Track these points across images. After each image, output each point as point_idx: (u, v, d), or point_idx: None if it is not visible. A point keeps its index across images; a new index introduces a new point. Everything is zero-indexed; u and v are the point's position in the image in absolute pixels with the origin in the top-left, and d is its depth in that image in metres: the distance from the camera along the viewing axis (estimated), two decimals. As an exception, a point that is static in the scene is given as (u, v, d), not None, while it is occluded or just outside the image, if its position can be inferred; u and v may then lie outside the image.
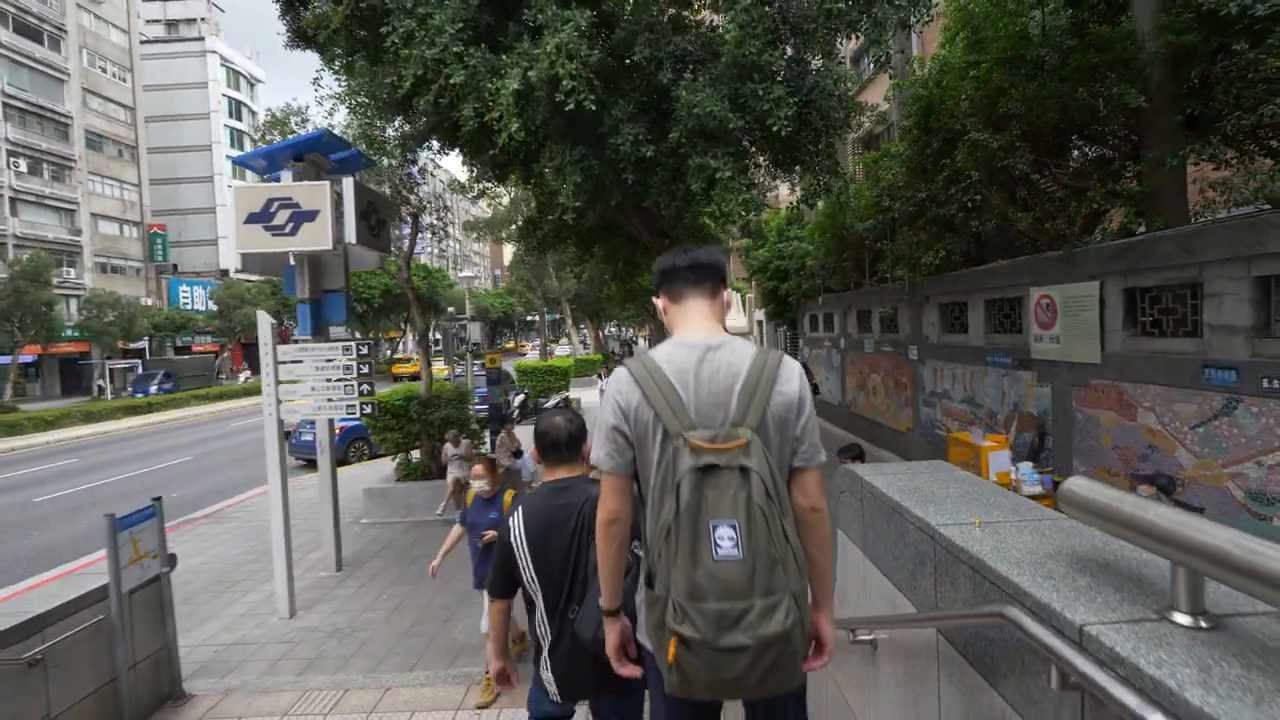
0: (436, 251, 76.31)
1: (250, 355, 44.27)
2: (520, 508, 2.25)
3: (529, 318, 48.07)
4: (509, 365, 23.49)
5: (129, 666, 4.59)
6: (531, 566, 2.16)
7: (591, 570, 2.05)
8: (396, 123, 7.19)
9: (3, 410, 24.85)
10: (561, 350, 46.12)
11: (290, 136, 9.36)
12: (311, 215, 6.70)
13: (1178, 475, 5.40)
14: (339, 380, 6.39)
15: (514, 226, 9.44)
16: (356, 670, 5.37)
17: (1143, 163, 6.17)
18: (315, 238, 6.68)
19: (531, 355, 42.95)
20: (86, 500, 12.43)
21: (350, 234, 6.90)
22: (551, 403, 18.87)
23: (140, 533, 4.69)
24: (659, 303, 1.81)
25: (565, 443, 2.28)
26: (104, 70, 41.01)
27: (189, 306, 43.38)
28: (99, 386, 35.63)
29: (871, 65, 18.08)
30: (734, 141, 4.40)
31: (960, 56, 8.59)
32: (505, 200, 21.63)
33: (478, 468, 4.48)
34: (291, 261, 7.27)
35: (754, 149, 5.41)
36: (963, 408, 9.11)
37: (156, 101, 45.98)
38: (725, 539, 1.38)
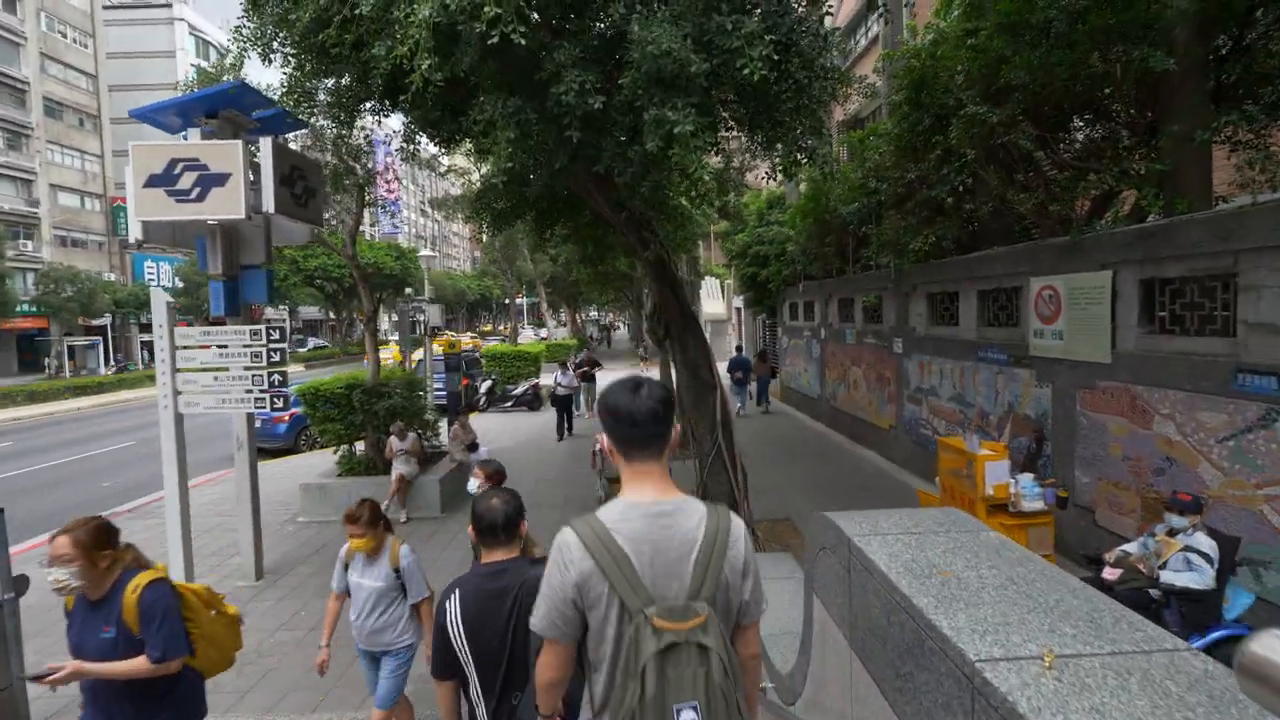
0: (413, 232, 74.70)
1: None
2: (456, 591, 2.19)
3: (506, 301, 46.98)
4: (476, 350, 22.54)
5: (-42, 715, 3.78)
6: (467, 649, 2.13)
7: (533, 656, 1.92)
8: (329, 82, 6.26)
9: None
10: (526, 336, 44.79)
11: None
12: (222, 179, 5.81)
13: (1202, 494, 4.76)
14: (247, 370, 5.54)
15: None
16: (250, 709, 4.59)
17: (1163, 138, 5.48)
18: (226, 205, 5.80)
19: (527, 337, 41.74)
20: (10, 489, 11.42)
21: (268, 202, 6.01)
22: (519, 390, 18.04)
23: (-29, 554, 3.85)
24: (603, 440, 1.70)
25: (502, 525, 2.24)
26: (64, 35, 38.93)
27: (155, 283, 41.65)
28: (47, 364, 34.18)
29: (863, 39, 17.40)
30: (697, 90, 3.61)
31: (957, 25, 7.88)
32: (476, 177, 20.61)
33: (61, 541, 2.42)
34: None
35: (722, 105, 4.61)
36: (951, 406, 8.47)
37: (120, 70, 43.74)
38: None
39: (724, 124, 5.11)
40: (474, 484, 5.06)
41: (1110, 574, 4.31)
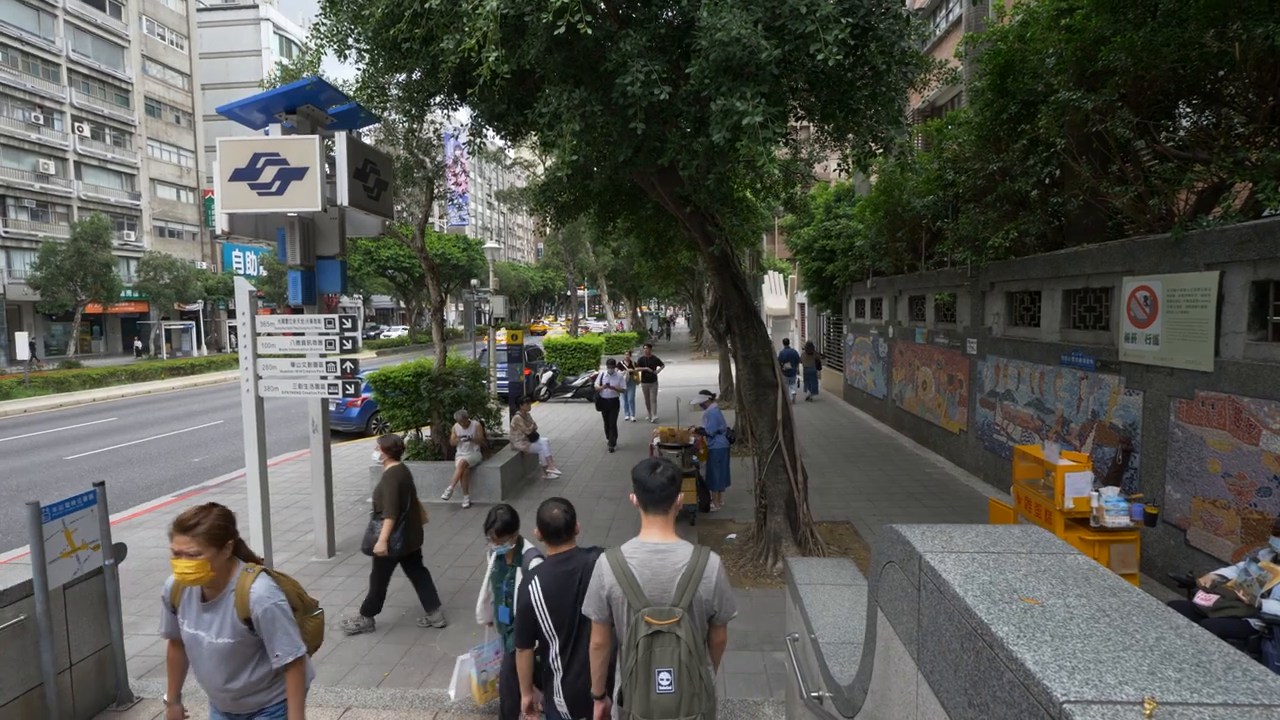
0: (480, 224, 76.60)
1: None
2: (537, 577, 2.84)
3: (568, 293, 47.57)
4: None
5: (62, 669, 4.12)
6: (550, 621, 2.77)
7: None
8: (401, 77, 6.43)
9: (68, 366, 25.67)
10: (596, 327, 45.14)
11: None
12: (300, 173, 6.08)
13: (1314, 516, 4.33)
14: (322, 356, 5.79)
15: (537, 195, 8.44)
16: (320, 681, 4.81)
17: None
18: (304, 198, 6.06)
19: (596, 329, 42.27)
20: (112, 461, 12.42)
21: (343, 194, 6.25)
22: (579, 381, 18.23)
23: (76, 521, 4.17)
24: (632, 498, 2.57)
25: (563, 529, 2.90)
26: (162, 37, 41.75)
27: (242, 271, 44.33)
28: (136, 348, 37.05)
29: (944, 22, 16.61)
30: (767, 78, 3.48)
31: (1050, 4, 7.40)
32: (540, 170, 20.91)
33: None
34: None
35: (792, 94, 4.44)
36: (1028, 412, 8.01)
37: (212, 69, 46.75)
38: (664, 680, 2.27)
39: (794, 114, 4.95)
40: (376, 456, 5.56)
41: (1204, 599, 3.97)
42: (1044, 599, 1.34)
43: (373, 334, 51.15)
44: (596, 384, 12.35)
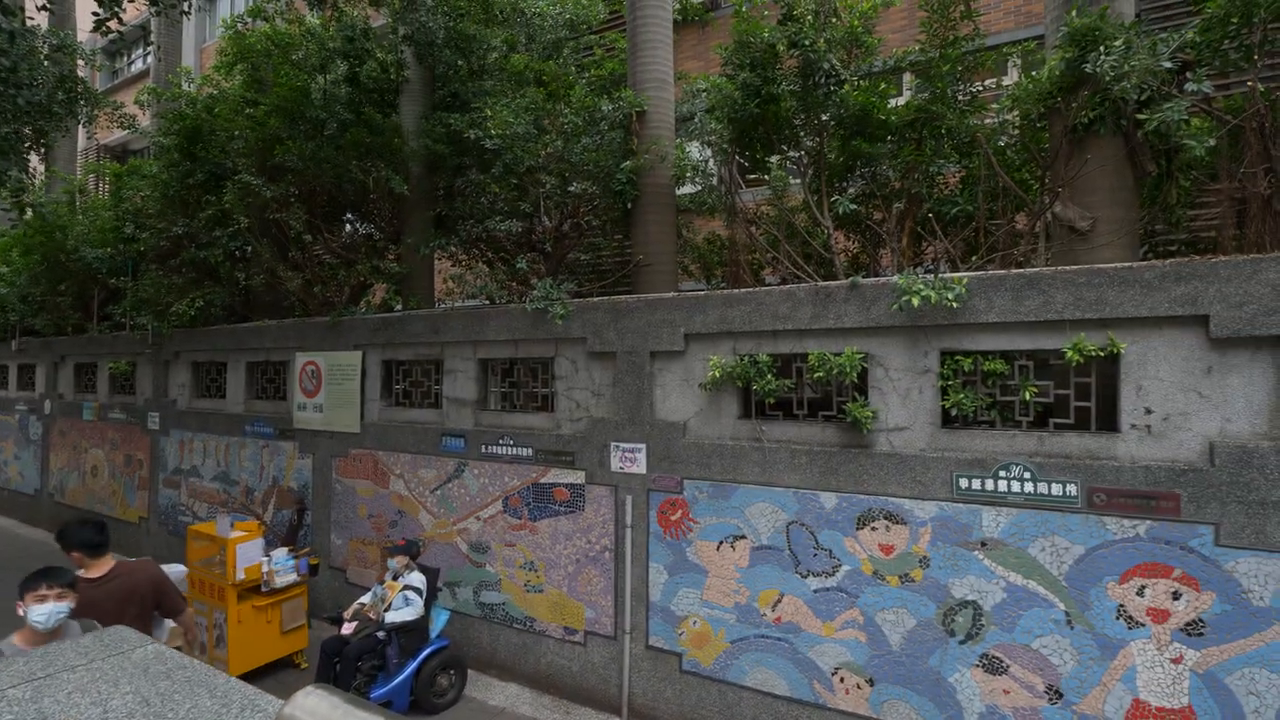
0: None
1: None
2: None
3: None
4: None
5: None
6: None
7: None
8: None
9: None
10: None
11: None
12: None
13: (420, 537, 5.82)
14: None
15: None
16: None
17: (402, 246, 6.72)
18: None
19: None
20: None
21: None
22: None
23: None
24: None
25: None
26: None
27: None
28: None
29: (140, 62, 15.02)
30: None
31: (238, 90, 7.72)
32: None
33: None
34: None
35: None
36: (214, 486, 7.76)
37: None
38: None
39: None
40: None
41: (348, 628, 4.69)
42: (84, 710, 1.20)
43: None
44: None
